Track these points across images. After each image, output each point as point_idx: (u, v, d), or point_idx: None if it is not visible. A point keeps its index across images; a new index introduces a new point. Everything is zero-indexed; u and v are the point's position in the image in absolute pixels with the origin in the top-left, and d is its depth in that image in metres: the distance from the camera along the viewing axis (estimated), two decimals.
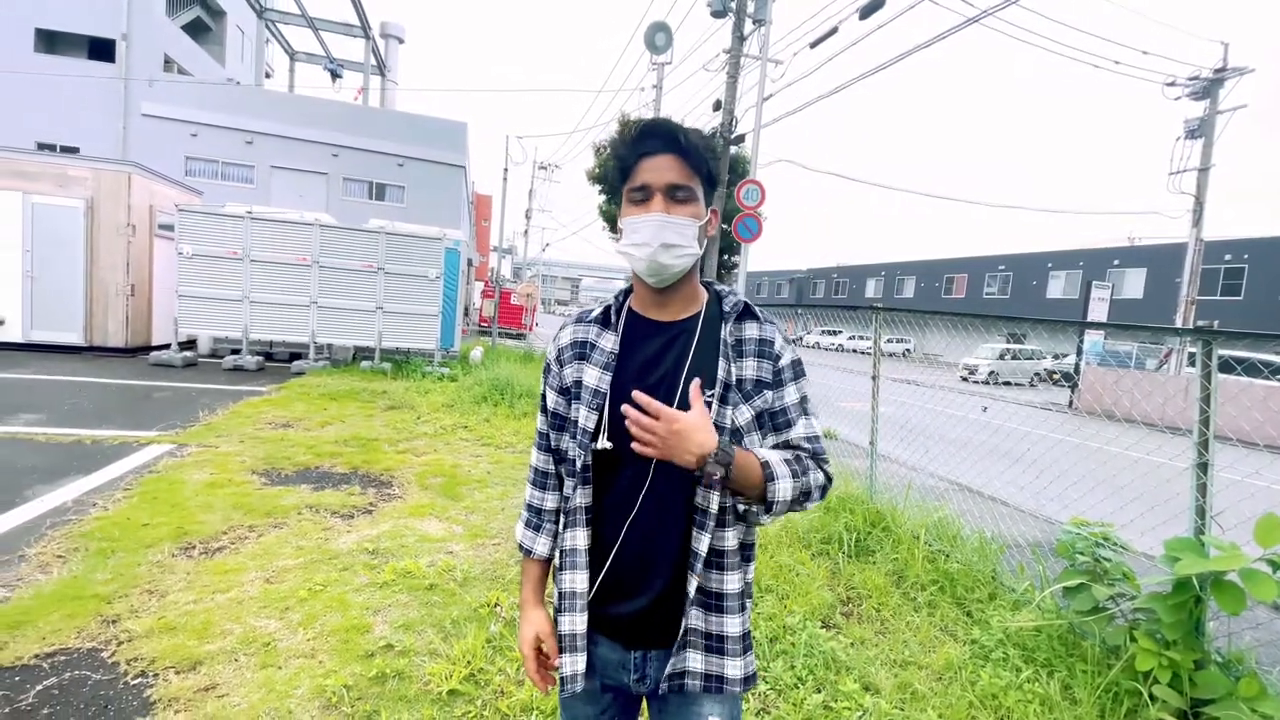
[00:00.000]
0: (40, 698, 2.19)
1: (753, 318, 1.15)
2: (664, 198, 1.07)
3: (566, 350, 1.19)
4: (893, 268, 42.68)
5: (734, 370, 1.10)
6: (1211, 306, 23.43)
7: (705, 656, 1.11)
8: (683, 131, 1.06)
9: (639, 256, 1.08)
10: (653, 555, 1.10)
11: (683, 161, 1.07)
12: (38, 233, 9.68)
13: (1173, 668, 2.37)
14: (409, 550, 3.63)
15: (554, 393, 1.20)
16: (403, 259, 10.72)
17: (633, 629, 1.13)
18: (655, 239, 1.06)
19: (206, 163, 21.99)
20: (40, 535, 3.44)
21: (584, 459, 1.11)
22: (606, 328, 1.17)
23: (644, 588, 1.11)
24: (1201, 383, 2.64)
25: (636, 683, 1.15)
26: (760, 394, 1.10)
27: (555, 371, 1.20)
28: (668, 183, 1.07)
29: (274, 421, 6.49)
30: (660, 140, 1.06)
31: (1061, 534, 3.08)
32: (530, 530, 1.28)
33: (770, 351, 1.12)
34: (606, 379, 1.11)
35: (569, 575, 1.14)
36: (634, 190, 1.09)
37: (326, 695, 2.30)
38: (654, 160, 1.07)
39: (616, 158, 1.11)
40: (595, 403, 1.11)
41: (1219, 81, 16.37)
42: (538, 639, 1.20)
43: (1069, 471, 4.30)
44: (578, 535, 1.13)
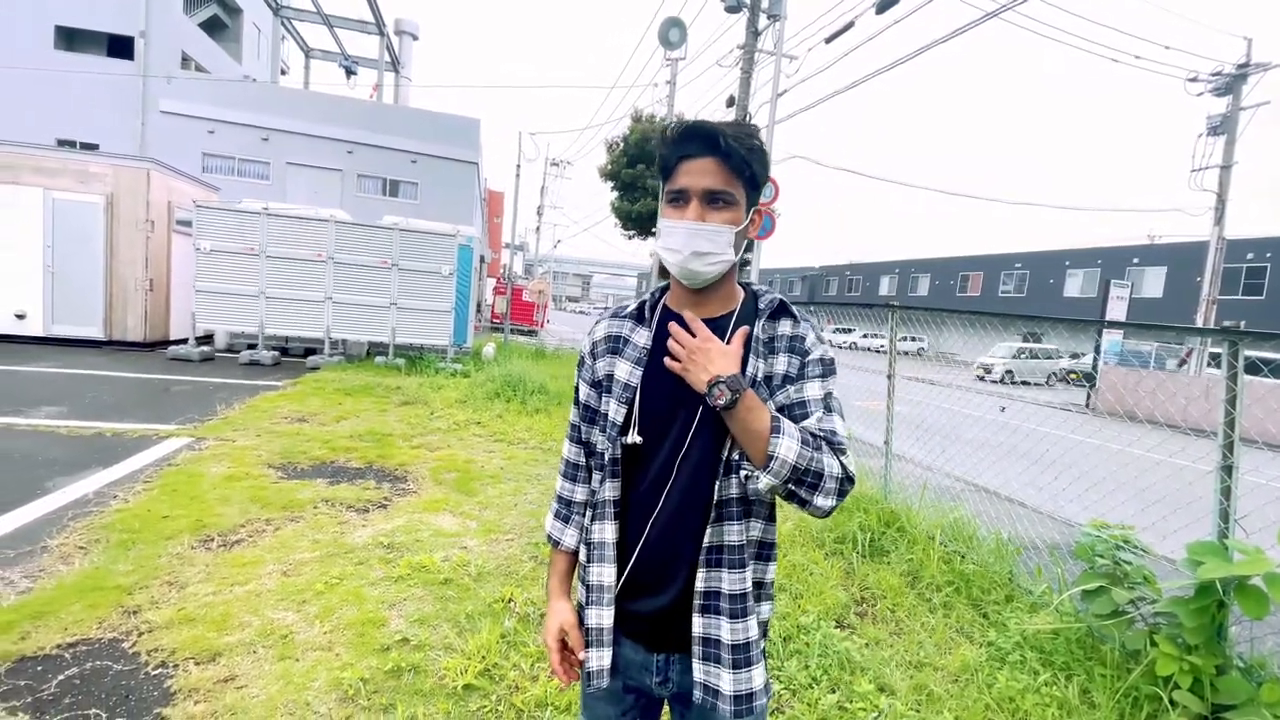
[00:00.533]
0: (62, 687, 2.22)
1: (788, 315, 1.14)
2: (700, 204, 1.05)
3: (600, 344, 1.20)
4: (907, 265, 42.35)
5: (763, 367, 1.09)
6: (1233, 306, 23.06)
7: (704, 666, 1.08)
8: (724, 135, 1.03)
9: (671, 261, 1.08)
10: (676, 553, 1.10)
11: (723, 165, 1.04)
12: (59, 228, 9.83)
13: (1194, 672, 2.34)
14: (424, 545, 3.65)
15: (586, 385, 1.21)
16: (417, 255, 10.79)
17: (655, 630, 1.13)
18: (687, 246, 1.05)
19: (223, 159, 22.20)
20: (62, 526, 3.50)
21: (613, 452, 1.12)
22: (641, 323, 1.19)
23: (667, 584, 1.11)
24: (1227, 384, 2.60)
25: (659, 685, 1.15)
26: (784, 389, 1.09)
27: (589, 364, 1.21)
28: (705, 188, 1.05)
29: (289, 416, 6.56)
30: (701, 143, 1.04)
31: (1081, 536, 3.04)
32: (559, 522, 1.28)
33: (800, 347, 1.11)
34: (637, 374, 1.12)
35: (597, 568, 1.14)
36: (672, 193, 1.08)
37: (343, 688, 2.32)
38: (693, 164, 1.05)
39: (659, 156, 1.10)
40: (625, 396, 1.12)
41: (1242, 77, 16.08)
42: (562, 631, 1.20)
43: (1088, 473, 4.24)
44: (606, 529, 1.14)
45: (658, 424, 1.10)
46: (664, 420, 1.10)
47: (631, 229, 24.15)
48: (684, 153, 1.06)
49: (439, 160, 24.38)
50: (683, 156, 1.06)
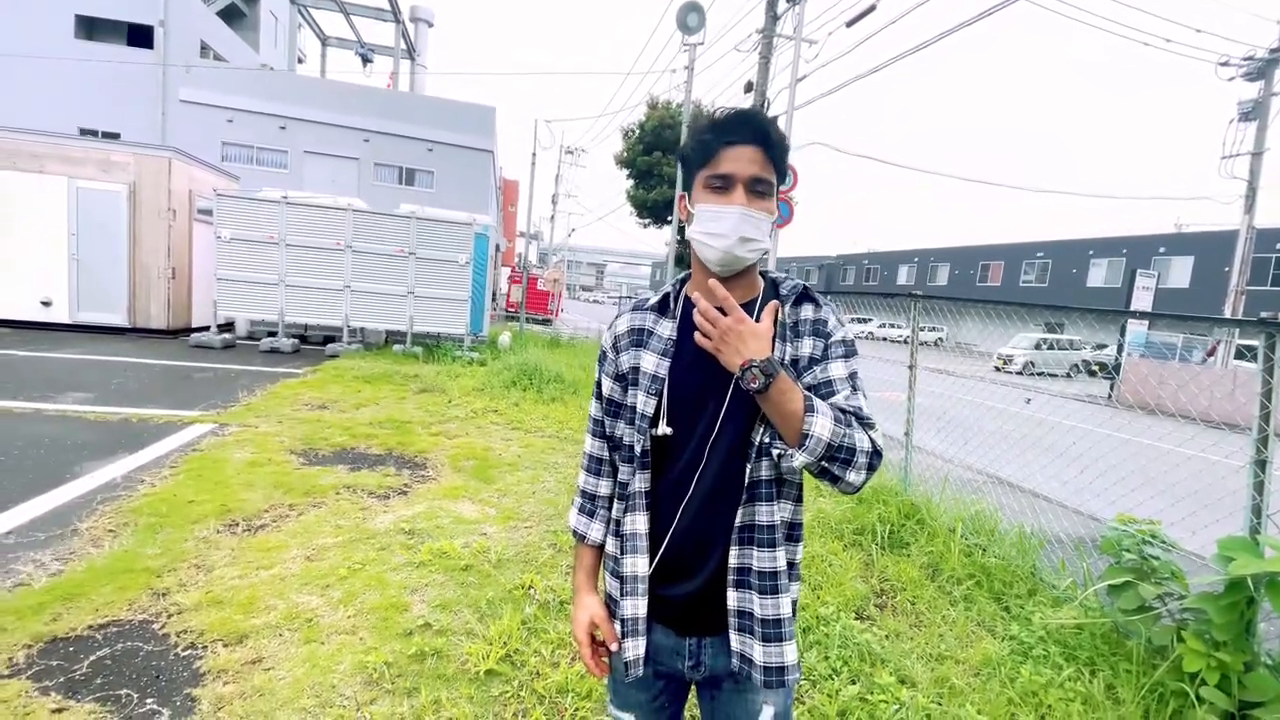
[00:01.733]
0: (93, 667, 2.27)
1: (810, 300, 1.15)
2: (746, 190, 1.06)
3: (624, 338, 1.20)
4: (925, 254, 41.81)
5: (789, 351, 1.11)
6: (1262, 297, 22.51)
7: (740, 638, 1.11)
8: (772, 126, 1.07)
9: (716, 247, 1.07)
10: (707, 537, 1.11)
11: (765, 155, 1.07)
12: (82, 217, 9.98)
13: (1221, 669, 2.30)
14: (444, 531, 3.69)
15: (610, 379, 1.22)
16: (433, 244, 10.83)
17: (686, 614, 1.14)
18: (735, 232, 1.05)
19: (242, 148, 22.37)
20: (92, 510, 3.57)
21: (643, 444, 1.13)
22: (664, 315, 1.19)
23: (698, 569, 1.12)
24: (1263, 377, 2.53)
25: (691, 669, 1.16)
26: (810, 369, 1.10)
27: (612, 359, 1.21)
28: (751, 175, 1.06)
29: (310, 403, 6.63)
30: (750, 131, 1.06)
31: (1107, 530, 2.99)
32: (584, 516, 1.29)
33: (824, 330, 1.12)
34: (665, 365, 1.13)
35: (630, 559, 1.15)
36: (714, 178, 1.08)
37: (368, 671, 2.35)
38: (740, 150, 1.06)
39: (699, 140, 1.09)
40: (654, 388, 1.12)
41: (1275, 61, 15.58)
42: (592, 624, 1.21)
43: (1115, 467, 4.18)
44: (638, 520, 1.15)
45: (687, 413, 1.11)
46: (693, 409, 1.11)
47: (647, 217, 24.06)
48: (730, 139, 1.06)
49: (455, 149, 24.39)
50: (729, 142, 1.06)
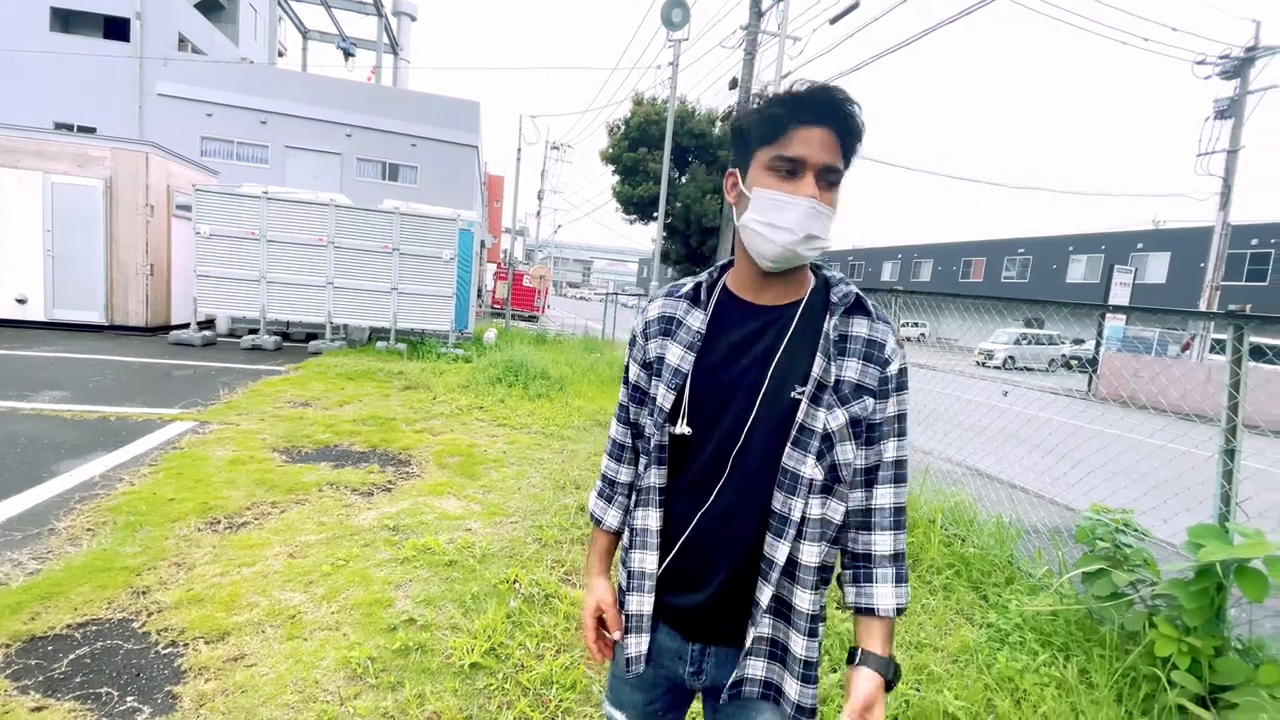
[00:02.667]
0: (73, 666, 2.25)
1: (864, 313, 1.04)
2: (816, 179, 0.94)
3: (653, 324, 1.12)
4: (909, 250, 42.17)
5: (832, 370, 1.00)
6: (1237, 292, 22.97)
7: (767, 664, 1.05)
8: (856, 109, 0.94)
9: (775, 241, 0.96)
10: (716, 553, 1.05)
11: (840, 141, 0.95)
12: (58, 212, 9.80)
13: (1192, 654, 2.36)
14: (428, 527, 3.68)
15: (637, 366, 1.15)
16: (417, 240, 10.76)
17: (693, 620, 1.09)
18: (801, 227, 0.94)
19: (222, 143, 22.07)
20: (69, 509, 3.53)
21: (659, 439, 1.07)
22: (696, 305, 1.10)
23: (706, 581, 1.06)
24: (1231, 368, 2.60)
25: (692, 676, 1.11)
26: (860, 400, 0.99)
27: (640, 345, 1.14)
28: (825, 163, 0.94)
29: (293, 400, 6.58)
30: (831, 111, 0.93)
31: (1081, 520, 3.06)
32: (602, 501, 1.25)
33: (879, 356, 1.01)
34: (689, 359, 1.05)
35: (639, 555, 1.10)
36: (781, 159, 0.94)
37: (352, 666, 2.35)
38: (813, 133, 0.93)
39: (767, 115, 0.95)
40: (674, 382, 1.05)
41: (1250, 60, 15.89)
42: (599, 609, 1.17)
43: (1088, 458, 4.26)
44: (649, 515, 1.09)
45: (708, 414, 1.03)
46: (715, 410, 1.03)
47: (633, 213, 24.05)
48: (804, 119, 0.93)
49: (439, 144, 24.22)
50: (801, 122, 0.93)
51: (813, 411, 0.98)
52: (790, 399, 0.99)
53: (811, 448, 0.98)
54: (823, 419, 0.98)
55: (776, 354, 1.01)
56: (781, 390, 1.00)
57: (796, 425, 0.98)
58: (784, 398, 0.99)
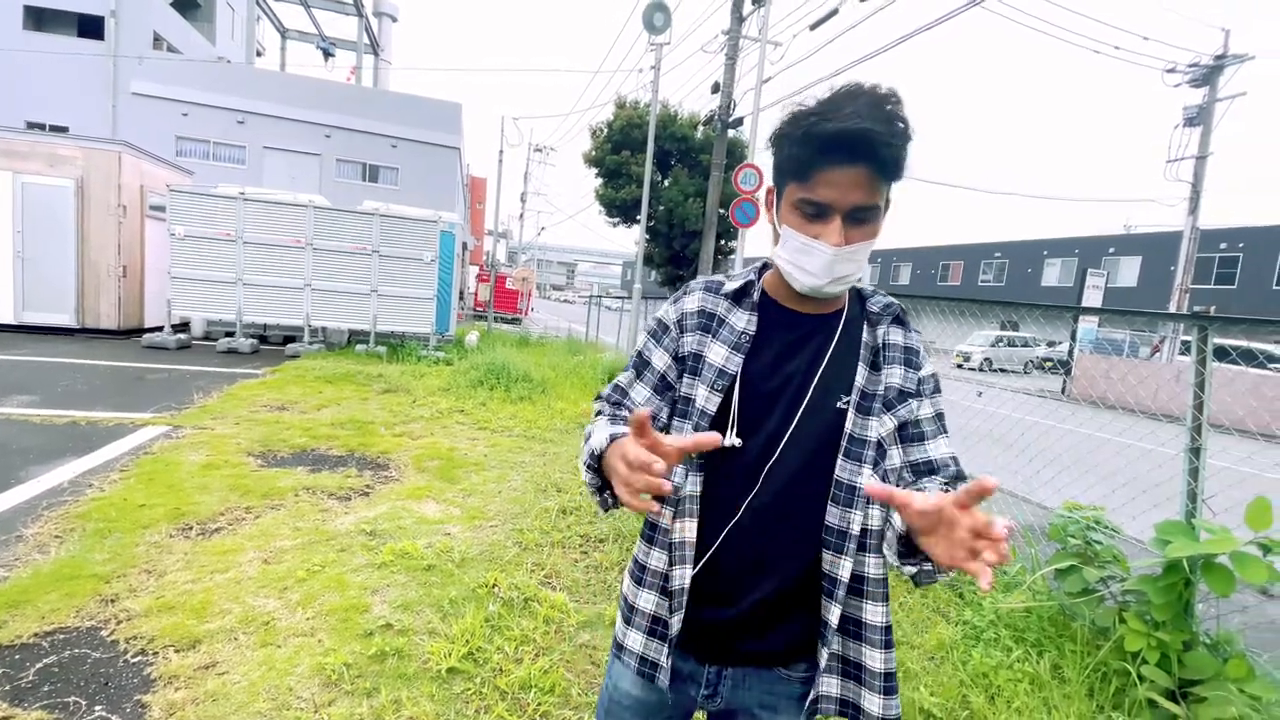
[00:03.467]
0: (40, 675, 2.20)
1: (900, 324, 1.06)
2: (845, 223, 0.90)
3: (691, 317, 1.06)
4: (888, 254, 42.65)
5: (874, 378, 1.01)
6: (1205, 295, 23.55)
7: (842, 682, 1.02)
8: (886, 144, 0.85)
9: (803, 282, 0.96)
10: (755, 567, 1.00)
11: (876, 174, 0.88)
12: (28, 213, 9.58)
13: (1161, 648, 2.40)
14: (406, 531, 3.64)
15: (668, 356, 1.06)
16: (398, 241, 10.66)
17: (716, 640, 1.04)
18: (826, 274, 0.93)
19: (198, 143, 21.72)
20: (37, 516, 3.44)
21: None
22: (739, 305, 1.05)
23: (738, 599, 1.01)
24: (1196, 368, 2.66)
25: (706, 699, 1.06)
26: (904, 403, 1.01)
27: (674, 335, 1.06)
28: (853, 204, 0.89)
29: (269, 404, 6.48)
30: (858, 150, 0.86)
31: (1054, 517, 3.11)
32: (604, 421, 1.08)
33: (915, 361, 1.03)
34: (736, 360, 1.00)
35: (680, 571, 1.02)
36: (806, 203, 0.92)
37: (326, 673, 2.32)
38: (844, 174, 0.87)
39: (794, 156, 0.91)
40: (720, 384, 1.00)
41: (1218, 69, 16.32)
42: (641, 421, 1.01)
43: (1061, 457, 4.34)
44: (688, 527, 1.01)
45: (750, 423, 0.99)
46: (756, 421, 0.99)
47: (616, 216, 24.03)
48: (829, 161, 0.87)
49: (420, 145, 24.05)
50: (828, 164, 0.88)
51: (862, 421, 0.98)
52: (836, 409, 0.98)
53: (867, 458, 0.97)
54: (875, 427, 0.97)
55: (821, 364, 1.00)
56: (825, 401, 0.98)
57: (846, 436, 0.97)
58: (828, 409, 0.98)
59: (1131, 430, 3.72)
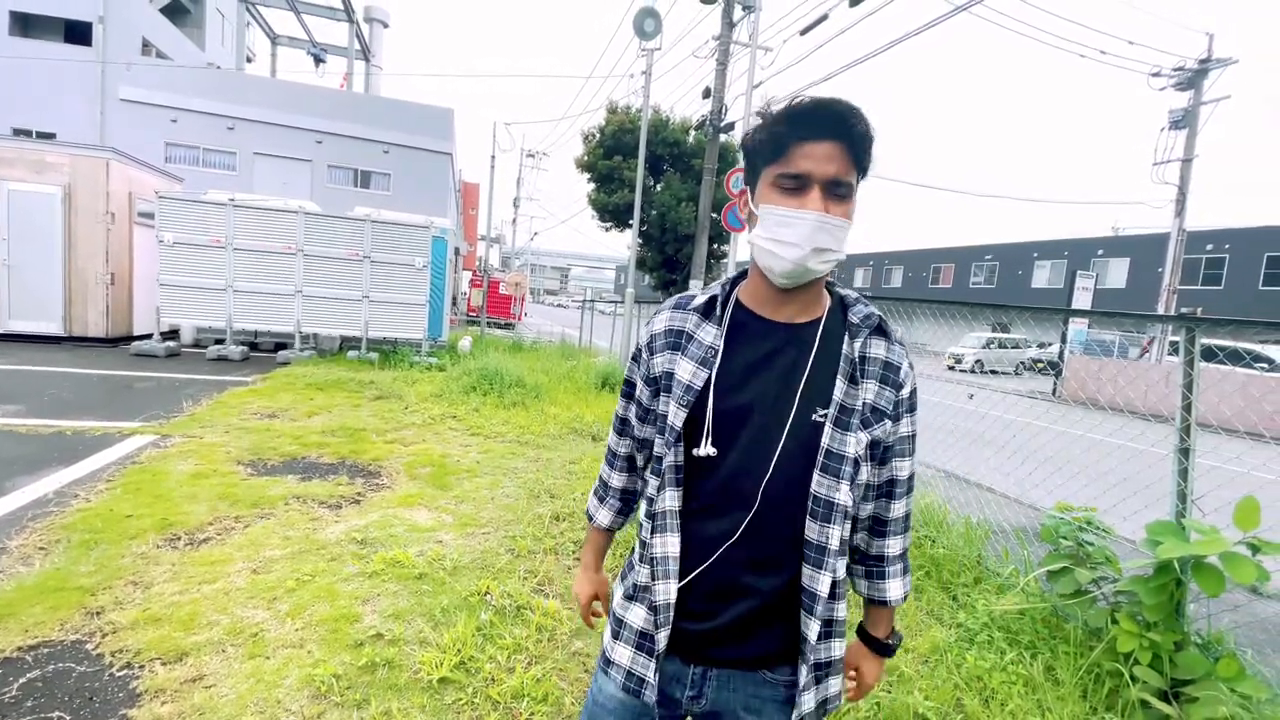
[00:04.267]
0: (24, 690, 2.16)
1: (883, 336, 1.04)
2: (823, 193, 0.93)
3: (660, 338, 1.08)
4: (880, 258, 42.87)
5: (853, 393, 1.00)
6: (1193, 295, 23.78)
7: (816, 677, 1.08)
8: (856, 119, 0.91)
9: (785, 257, 0.95)
10: (737, 580, 1.01)
11: (847, 152, 0.93)
12: (14, 220, 9.49)
13: (1153, 649, 2.41)
14: (398, 540, 3.61)
15: (641, 381, 1.12)
16: (389, 247, 10.62)
17: (701, 645, 1.05)
18: (809, 242, 0.93)
19: (187, 149, 21.59)
20: (21, 527, 3.39)
21: (675, 459, 1.02)
22: (707, 319, 1.06)
23: (722, 610, 1.02)
24: (1184, 369, 2.67)
25: (691, 700, 1.07)
26: (880, 422, 1.00)
27: (645, 359, 1.10)
28: (830, 176, 0.92)
29: (259, 412, 6.43)
30: (831, 125, 0.92)
31: (1046, 519, 3.12)
32: (596, 500, 1.31)
33: (894, 379, 1.02)
34: (702, 375, 1.01)
35: (661, 586, 1.03)
36: (785, 177, 0.94)
37: (316, 684, 2.29)
38: (818, 147, 0.92)
39: (770, 132, 0.95)
40: (686, 399, 1.01)
41: (1203, 72, 16.51)
42: (595, 598, 1.27)
43: (1053, 458, 4.35)
44: (669, 541, 1.02)
45: (723, 436, 1.00)
46: (733, 430, 0.99)
47: (609, 220, 24.06)
48: (805, 134, 0.92)
49: (411, 151, 24.00)
50: (803, 138, 0.92)
51: (840, 436, 0.97)
52: (813, 422, 0.97)
53: (845, 474, 0.97)
54: (851, 444, 0.97)
55: (801, 375, 0.99)
56: (803, 412, 0.98)
57: (823, 451, 0.97)
58: (805, 420, 0.98)
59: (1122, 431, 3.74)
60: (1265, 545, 2.24)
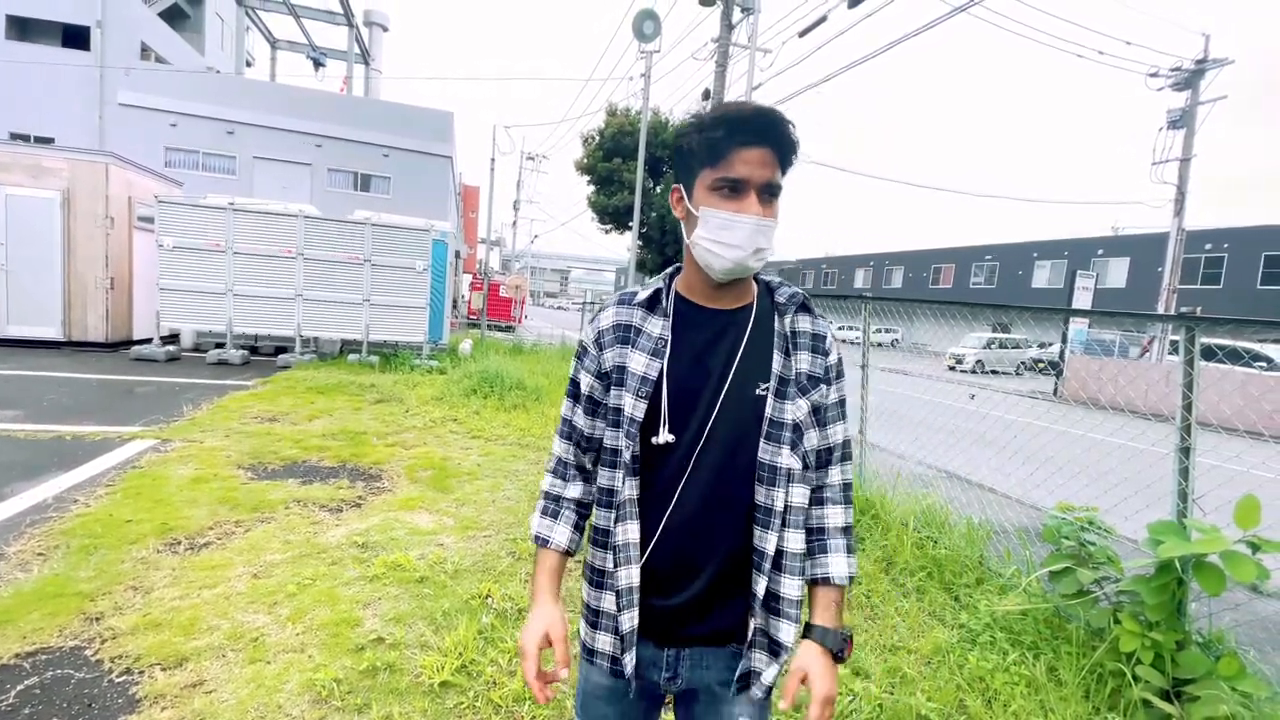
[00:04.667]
0: (21, 697, 2.15)
1: (807, 312, 1.13)
2: (759, 197, 1.00)
3: (608, 333, 1.12)
4: (881, 258, 42.87)
5: (789, 364, 1.08)
6: (1192, 295, 23.77)
7: (767, 658, 1.09)
8: (787, 125, 0.99)
9: (726, 258, 1.01)
10: (696, 553, 1.07)
11: (777, 157, 1.00)
12: (12, 225, 9.48)
13: (1155, 648, 2.41)
14: (399, 543, 3.61)
15: (591, 377, 1.13)
16: (389, 251, 10.63)
17: (669, 625, 1.10)
18: (749, 243, 1.00)
19: (187, 153, 21.61)
20: (20, 533, 3.39)
21: (633, 449, 1.06)
22: (653, 312, 1.11)
23: (685, 585, 1.07)
24: (1184, 368, 2.67)
25: (668, 681, 1.12)
26: (816, 388, 1.09)
27: (594, 355, 1.13)
28: (766, 180, 0.99)
29: (260, 416, 6.43)
30: (767, 132, 0.98)
31: (1047, 519, 3.11)
32: (547, 519, 1.18)
33: (822, 347, 1.11)
34: (656, 365, 1.06)
35: (625, 571, 1.07)
36: (724, 181, 1.00)
37: (316, 689, 2.28)
38: (754, 153, 0.98)
39: (708, 137, 1.00)
40: (644, 390, 1.05)
41: (1200, 72, 16.53)
42: (547, 638, 1.08)
43: (1055, 458, 4.35)
44: (630, 529, 1.07)
45: (677, 420, 1.05)
46: (683, 416, 1.05)
47: (609, 223, 24.08)
48: (743, 141, 0.98)
49: (412, 154, 24.02)
50: (741, 144, 0.98)
51: (779, 405, 1.05)
52: (756, 395, 1.05)
53: (785, 439, 1.05)
54: (790, 411, 1.05)
55: (738, 354, 1.06)
56: (745, 388, 1.05)
57: (766, 420, 1.05)
58: (749, 395, 1.05)
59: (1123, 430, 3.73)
60: (1265, 543, 2.23)
